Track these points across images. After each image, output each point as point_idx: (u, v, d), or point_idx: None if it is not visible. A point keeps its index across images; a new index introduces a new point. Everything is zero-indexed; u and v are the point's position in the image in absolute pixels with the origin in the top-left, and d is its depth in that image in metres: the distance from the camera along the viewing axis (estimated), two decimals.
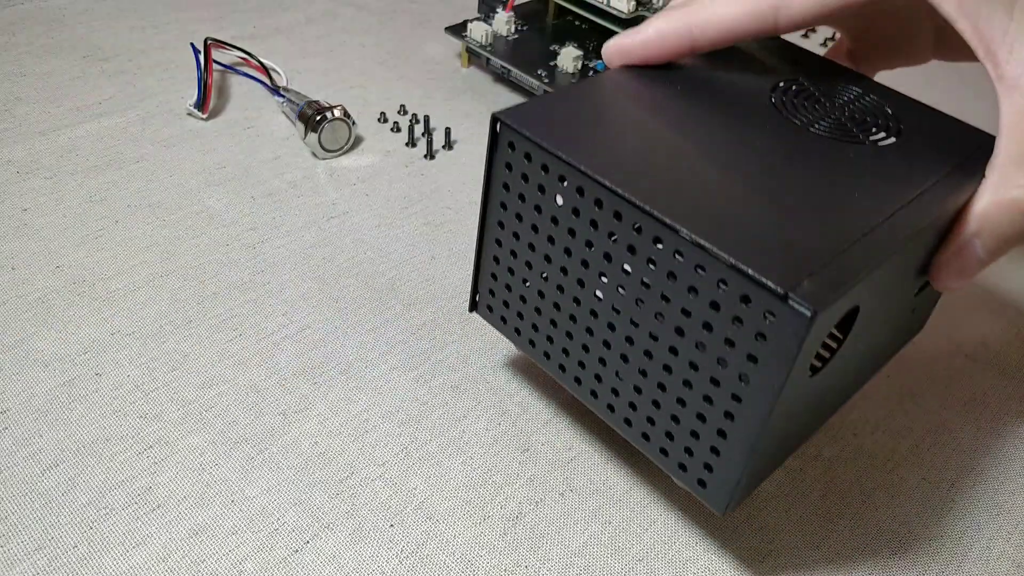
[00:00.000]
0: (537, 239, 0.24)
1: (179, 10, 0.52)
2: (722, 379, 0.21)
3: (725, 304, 0.20)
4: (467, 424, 0.29)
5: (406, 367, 0.31)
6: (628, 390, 0.24)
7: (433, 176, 0.41)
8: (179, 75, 0.46)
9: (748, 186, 0.22)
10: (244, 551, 0.25)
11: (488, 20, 0.48)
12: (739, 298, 0.19)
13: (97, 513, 0.26)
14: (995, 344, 0.35)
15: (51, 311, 0.32)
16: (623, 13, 0.44)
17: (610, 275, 0.22)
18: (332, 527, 0.26)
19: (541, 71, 0.45)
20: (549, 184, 0.23)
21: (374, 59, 0.50)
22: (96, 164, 0.39)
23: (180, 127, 0.42)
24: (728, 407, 0.21)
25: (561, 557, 0.26)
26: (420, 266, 0.36)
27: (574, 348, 0.25)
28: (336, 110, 0.40)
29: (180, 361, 0.31)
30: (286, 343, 0.32)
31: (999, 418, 0.32)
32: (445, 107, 0.46)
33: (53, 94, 0.44)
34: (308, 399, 0.30)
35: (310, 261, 0.35)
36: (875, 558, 0.27)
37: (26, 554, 0.24)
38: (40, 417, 0.28)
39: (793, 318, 0.18)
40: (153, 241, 0.36)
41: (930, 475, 0.29)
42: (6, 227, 0.35)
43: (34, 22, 0.50)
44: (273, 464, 0.28)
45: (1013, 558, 0.27)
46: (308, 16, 0.53)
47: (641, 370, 0.23)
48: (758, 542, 0.27)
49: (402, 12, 0.55)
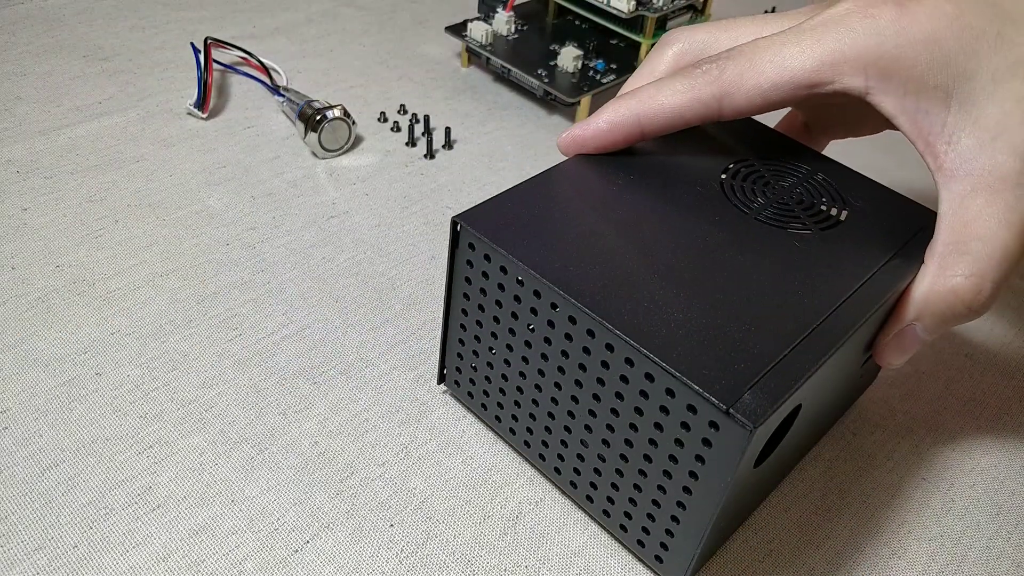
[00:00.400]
0: (499, 329, 0.25)
1: (179, 10, 0.52)
2: (674, 473, 0.22)
3: (673, 410, 0.21)
4: (467, 424, 0.29)
5: (406, 367, 0.31)
6: (588, 472, 0.25)
7: (433, 176, 0.41)
8: (179, 75, 0.46)
9: (698, 289, 0.23)
10: (244, 551, 0.25)
11: (488, 20, 0.48)
12: (686, 407, 0.21)
13: (97, 513, 0.26)
14: (995, 344, 0.35)
15: (51, 311, 0.32)
16: (623, 13, 0.44)
17: (568, 371, 0.23)
18: (332, 527, 0.26)
19: (541, 71, 0.45)
20: (508, 283, 0.24)
21: (374, 59, 0.50)
22: (96, 164, 0.39)
23: (180, 127, 0.42)
24: (680, 498, 0.22)
25: (561, 557, 0.26)
26: (420, 266, 0.36)
27: (537, 429, 0.26)
28: (336, 110, 0.40)
29: (180, 361, 0.31)
30: (286, 343, 0.32)
31: (999, 418, 0.32)
32: (445, 107, 0.46)
33: (53, 94, 0.44)
34: (308, 399, 0.30)
35: (310, 261, 0.35)
36: (875, 558, 0.27)
37: (26, 554, 0.24)
38: (40, 417, 0.28)
39: (735, 430, 0.20)
40: (153, 241, 0.35)
41: (930, 475, 0.29)
42: (6, 227, 0.35)
43: (34, 22, 0.50)
44: (273, 464, 0.28)
45: (1013, 558, 0.27)
46: (308, 16, 0.53)
47: (600, 455, 0.24)
48: (758, 542, 0.27)
49: (402, 12, 0.55)
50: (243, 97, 0.45)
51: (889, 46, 0.23)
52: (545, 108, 0.47)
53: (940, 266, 0.24)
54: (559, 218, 0.25)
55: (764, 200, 0.26)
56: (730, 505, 0.23)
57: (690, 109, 0.25)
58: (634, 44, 0.47)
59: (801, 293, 0.23)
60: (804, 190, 0.27)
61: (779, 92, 0.24)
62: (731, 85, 0.25)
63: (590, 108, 0.45)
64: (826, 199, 0.27)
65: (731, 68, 0.25)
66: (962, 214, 0.23)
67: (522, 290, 0.24)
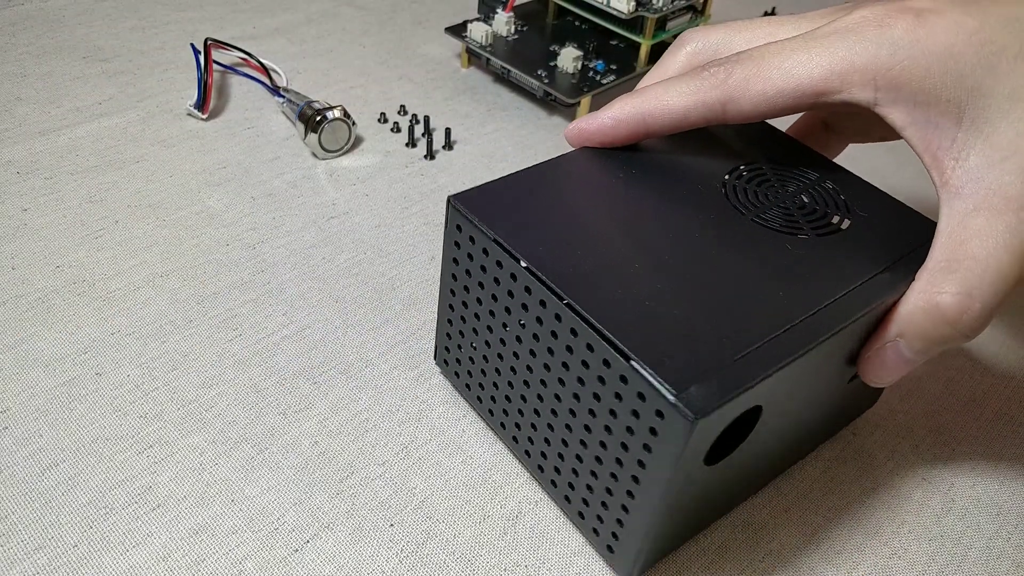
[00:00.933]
0: (481, 311, 0.26)
1: (179, 10, 0.53)
2: (625, 461, 0.22)
3: (626, 398, 0.21)
4: (467, 424, 0.29)
5: (406, 367, 0.31)
6: (553, 457, 0.25)
7: (433, 176, 0.41)
8: (179, 75, 0.46)
9: (676, 280, 0.23)
10: (244, 551, 0.25)
11: (488, 20, 0.48)
12: (636, 394, 0.21)
13: (97, 512, 0.26)
14: (995, 345, 0.35)
15: (51, 311, 0.32)
16: (623, 13, 0.44)
17: (538, 354, 0.24)
18: (332, 527, 0.26)
19: (541, 71, 0.45)
20: (488, 266, 0.24)
21: (374, 59, 0.50)
22: (96, 164, 0.39)
23: (180, 127, 0.42)
24: (630, 487, 0.22)
25: (561, 557, 0.26)
26: (420, 266, 0.36)
27: (511, 412, 0.26)
28: (336, 110, 0.40)
29: (180, 361, 0.31)
30: (286, 343, 0.32)
31: (999, 418, 0.32)
32: (445, 107, 0.46)
33: (53, 94, 0.44)
34: (308, 399, 0.30)
35: (310, 261, 0.35)
36: (875, 558, 0.27)
37: (26, 554, 0.24)
38: (40, 417, 0.28)
39: (679, 421, 0.20)
40: (153, 241, 0.36)
41: (930, 475, 0.29)
42: (6, 227, 0.35)
43: (34, 22, 0.50)
44: (273, 464, 0.28)
45: (1013, 558, 0.27)
46: (308, 16, 0.53)
47: (563, 440, 0.24)
48: (758, 542, 0.27)
49: (402, 12, 0.55)
50: (243, 98, 0.45)
51: (901, 56, 0.23)
52: (545, 109, 0.47)
53: (929, 282, 0.23)
54: (552, 205, 0.25)
55: (765, 203, 0.26)
56: (682, 502, 0.23)
57: (695, 111, 0.25)
58: (634, 45, 0.47)
59: (782, 295, 0.23)
60: (809, 196, 0.27)
61: (785, 99, 0.24)
62: (736, 90, 0.24)
63: (590, 109, 0.45)
64: (830, 207, 0.26)
65: (738, 72, 0.24)
66: (960, 232, 0.23)
67: (500, 272, 0.24)
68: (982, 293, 0.22)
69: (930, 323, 0.23)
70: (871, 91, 0.23)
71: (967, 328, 0.23)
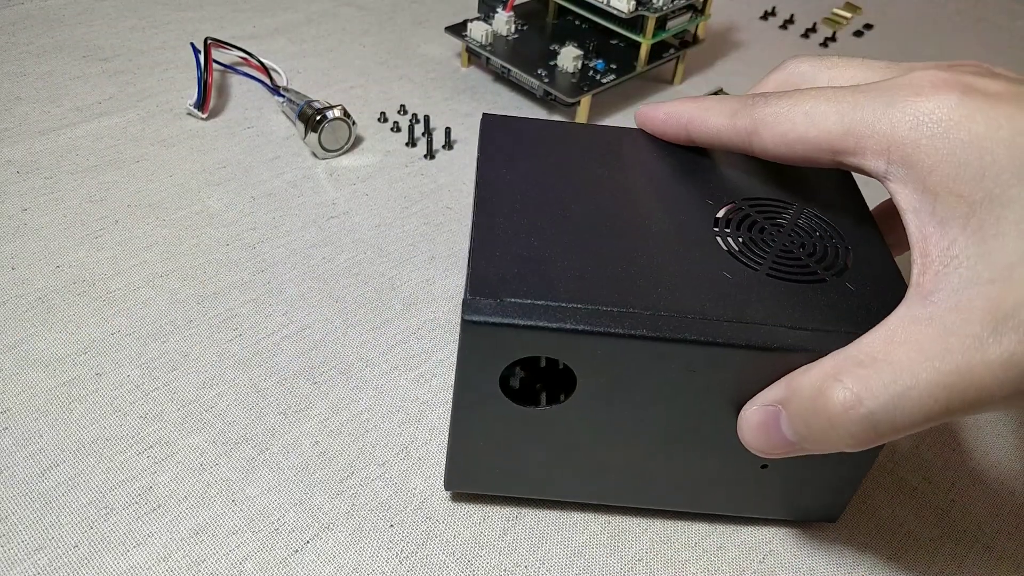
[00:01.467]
0: None
1: (179, 10, 0.52)
2: None
3: None
4: None
5: (406, 367, 0.31)
6: None
7: (433, 176, 0.41)
8: (179, 75, 0.46)
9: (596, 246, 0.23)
10: (244, 551, 0.25)
11: (488, 20, 0.48)
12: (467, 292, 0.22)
13: (97, 513, 0.26)
14: None
15: (51, 311, 0.32)
16: (623, 13, 0.44)
17: None
18: (332, 527, 0.26)
19: (541, 71, 0.45)
20: None
21: (374, 59, 0.50)
22: (96, 164, 0.39)
23: (180, 127, 0.42)
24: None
25: (561, 557, 0.26)
26: (420, 266, 0.36)
27: None
28: (336, 110, 0.40)
29: (180, 361, 0.31)
30: (286, 343, 0.32)
31: (999, 418, 0.32)
32: (445, 107, 0.46)
33: (53, 94, 0.44)
34: (308, 399, 0.30)
35: (310, 261, 0.35)
36: (875, 558, 0.27)
37: (26, 554, 0.24)
38: (40, 417, 0.28)
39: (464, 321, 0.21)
40: (153, 241, 0.36)
41: (930, 475, 0.29)
42: (6, 227, 0.35)
43: (34, 22, 0.50)
44: (273, 464, 0.28)
45: (1013, 558, 0.27)
46: (308, 16, 0.53)
47: None
48: (758, 542, 0.27)
49: (402, 12, 0.55)
50: (243, 97, 0.45)
51: (923, 133, 0.20)
52: (545, 108, 0.47)
53: (834, 365, 0.21)
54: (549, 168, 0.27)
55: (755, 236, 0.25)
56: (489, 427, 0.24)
57: (725, 133, 0.25)
58: (634, 44, 0.46)
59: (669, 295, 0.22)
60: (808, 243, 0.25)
61: (805, 147, 0.23)
62: (762, 124, 0.24)
63: (590, 108, 0.45)
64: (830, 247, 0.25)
65: (770, 108, 0.24)
66: (899, 333, 0.20)
67: None
68: (876, 403, 0.19)
69: (811, 408, 0.21)
70: (883, 162, 0.21)
71: (845, 432, 0.20)
